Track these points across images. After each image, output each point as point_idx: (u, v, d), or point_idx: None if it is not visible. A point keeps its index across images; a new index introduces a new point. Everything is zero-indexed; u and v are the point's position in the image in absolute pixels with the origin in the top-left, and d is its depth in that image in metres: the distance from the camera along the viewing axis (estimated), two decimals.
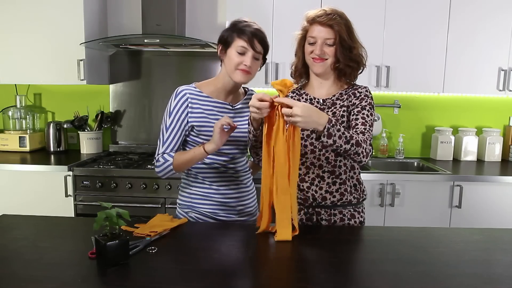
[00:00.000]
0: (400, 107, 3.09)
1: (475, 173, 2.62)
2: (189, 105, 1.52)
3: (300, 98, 1.59)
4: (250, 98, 1.65)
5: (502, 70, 2.71)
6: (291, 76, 1.64)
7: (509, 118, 3.09)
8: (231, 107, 1.59)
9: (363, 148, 1.35)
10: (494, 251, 1.29)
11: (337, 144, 1.30)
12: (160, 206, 2.51)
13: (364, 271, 1.15)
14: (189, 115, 1.52)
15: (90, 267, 1.12)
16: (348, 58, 1.48)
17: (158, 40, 2.66)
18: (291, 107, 1.23)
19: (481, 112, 3.11)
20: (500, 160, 2.99)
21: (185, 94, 1.53)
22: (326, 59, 1.48)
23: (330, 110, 1.51)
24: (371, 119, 1.47)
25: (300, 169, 1.52)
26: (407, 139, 3.12)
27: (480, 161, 2.99)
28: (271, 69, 2.71)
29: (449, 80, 2.72)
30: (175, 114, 1.52)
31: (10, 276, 1.07)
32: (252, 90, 1.71)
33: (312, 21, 1.47)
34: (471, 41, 2.69)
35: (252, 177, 1.72)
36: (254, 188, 1.72)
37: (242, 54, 1.47)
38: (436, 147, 3.02)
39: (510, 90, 2.73)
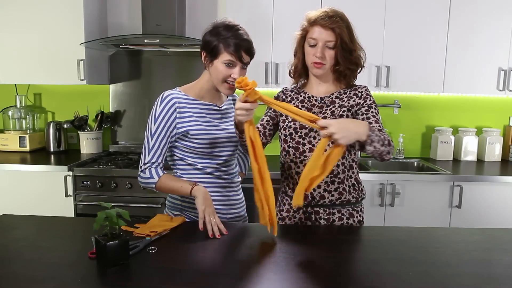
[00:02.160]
0: (400, 107, 3.09)
1: (475, 173, 2.62)
2: (177, 110, 1.49)
3: (299, 96, 1.59)
4: (233, 99, 1.67)
5: (502, 70, 2.71)
6: (290, 76, 1.64)
7: (509, 118, 3.09)
8: (218, 108, 1.58)
9: (392, 146, 1.36)
10: (494, 251, 1.29)
11: (376, 149, 1.28)
12: (160, 206, 2.51)
13: (364, 271, 1.15)
14: (177, 121, 1.49)
15: (90, 267, 1.12)
16: (348, 61, 1.48)
17: (158, 40, 2.66)
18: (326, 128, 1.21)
19: (481, 112, 3.11)
20: (500, 160, 2.99)
21: (172, 99, 1.49)
22: (325, 64, 1.47)
23: (329, 108, 1.52)
24: (379, 118, 1.49)
25: (298, 167, 1.53)
26: (407, 139, 3.12)
27: (480, 161, 2.99)
28: (271, 69, 2.71)
29: (449, 80, 2.72)
30: (161, 120, 1.48)
31: (10, 276, 1.07)
32: None
33: (314, 22, 1.46)
34: (471, 41, 2.69)
35: (240, 185, 1.70)
36: (243, 197, 1.71)
37: (229, 66, 1.45)
38: (436, 147, 3.02)
39: (510, 90, 2.73)
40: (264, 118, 1.62)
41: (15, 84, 3.13)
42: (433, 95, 3.06)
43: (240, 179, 1.70)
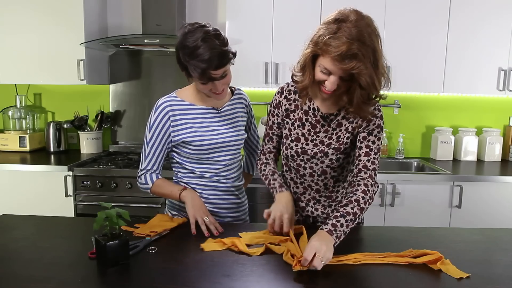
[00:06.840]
0: (400, 107, 3.09)
1: (475, 173, 2.62)
2: (171, 118, 1.47)
3: (303, 105, 1.42)
4: (239, 98, 1.59)
5: (502, 70, 2.71)
6: (293, 81, 1.41)
7: (509, 118, 3.09)
8: (216, 111, 1.53)
9: (368, 204, 1.32)
10: (494, 251, 1.29)
11: (350, 229, 1.26)
12: (160, 206, 2.51)
13: (364, 271, 1.15)
14: (172, 129, 1.48)
15: (90, 267, 1.12)
16: (364, 103, 1.28)
17: (158, 40, 2.66)
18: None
19: (481, 112, 3.11)
20: (500, 160, 2.99)
21: (165, 108, 1.47)
22: (336, 91, 1.28)
23: (335, 132, 1.41)
24: (378, 144, 1.37)
25: (298, 187, 1.50)
26: (407, 139, 3.12)
27: (480, 161, 2.99)
28: (271, 69, 2.70)
29: (449, 80, 2.72)
30: (155, 129, 1.48)
31: (10, 276, 1.07)
32: (240, 89, 1.64)
33: (329, 55, 1.19)
34: (471, 41, 2.69)
35: (244, 188, 1.67)
36: (246, 200, 1.69)
37: (207, 84, 1.39)
38: (436, 147, 3.02)
39: (510, 90, 2.73)
40: (274, 139, 1.51)
41: (15, 84, 3.13)
42: (433, 95, 3.06)
43: (243, 181, 1.66)
